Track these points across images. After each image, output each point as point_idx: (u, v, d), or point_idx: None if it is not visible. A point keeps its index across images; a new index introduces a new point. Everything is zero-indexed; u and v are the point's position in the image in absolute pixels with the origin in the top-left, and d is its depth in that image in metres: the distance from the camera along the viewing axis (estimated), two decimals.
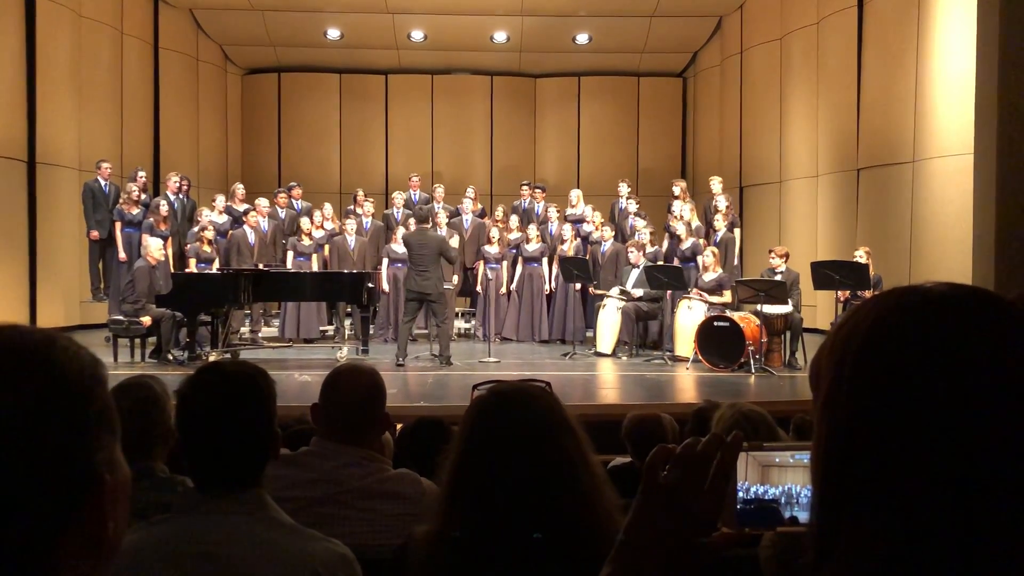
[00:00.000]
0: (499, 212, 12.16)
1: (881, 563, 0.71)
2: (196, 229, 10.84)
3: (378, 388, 2.47)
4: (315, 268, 11.19)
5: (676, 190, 11.99)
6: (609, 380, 8.89)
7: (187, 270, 10.31)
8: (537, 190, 12.75)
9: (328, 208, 12.20)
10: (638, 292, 10.10)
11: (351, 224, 11.56)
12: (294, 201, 12.54)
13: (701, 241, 10.79)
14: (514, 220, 11.86)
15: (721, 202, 11.15)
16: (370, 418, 2.43)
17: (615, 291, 10.35)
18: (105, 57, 12.77)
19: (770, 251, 9.80)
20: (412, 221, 11.44)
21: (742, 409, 2.87)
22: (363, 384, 2.45)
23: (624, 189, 12.41)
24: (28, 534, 0.68)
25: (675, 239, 11.05)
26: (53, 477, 0.69)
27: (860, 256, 9.09)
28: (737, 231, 11.12)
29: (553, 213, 11.98)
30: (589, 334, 10.91)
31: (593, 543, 1.44)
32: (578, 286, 10.99)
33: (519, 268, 11.51)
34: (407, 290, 9.45)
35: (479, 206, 12.59)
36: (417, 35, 15.09)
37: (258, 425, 1.76)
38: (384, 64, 15.91)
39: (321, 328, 11.51)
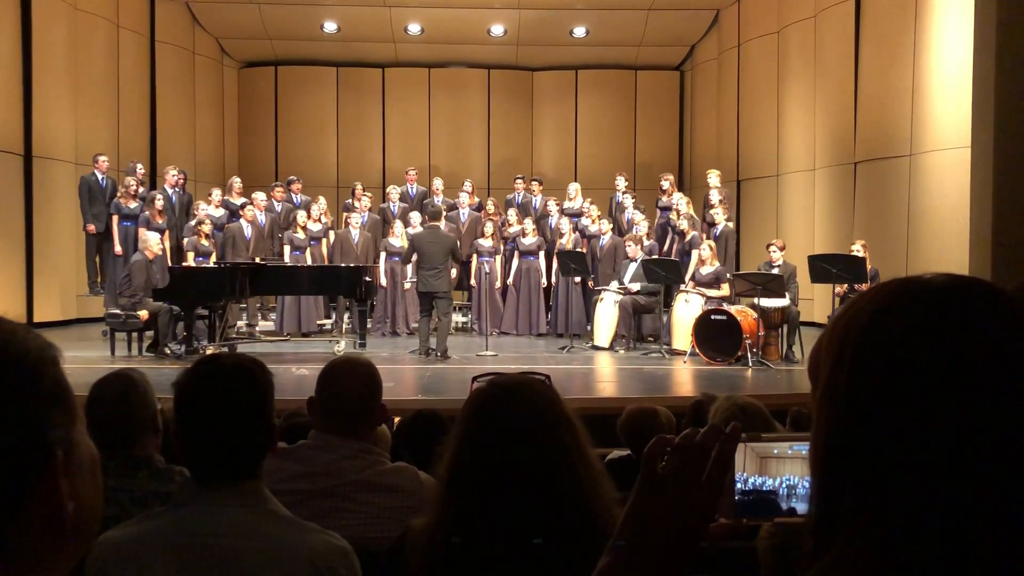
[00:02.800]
0: (490, 205, 12.14)
1: (879, 553, 0.71)
2: (193, 223, 10.83)
3: (374, 380, 2.47)
4: (310, 262, 11.19)
5: (665, 184, 12.00)
6: (607, 374, 8.89)
7: (184, 264, 10.29)
8: (534, 183, 12.75)
9: (323, 202, 12.19)
10: (635, 287, 10.10)
11: (355, 218, 11.55)
12: (293, 195, 12.53)
13: (698, 234, 10.78)
14: (512, 214, 11.85)
15: (714, 195, 11.16)
16: (367, 410, 2.43)
17: (613, 285, 10.35)
18: (101, 51, 12.74)
19: (768, 245, 9.80)
20: (411, 216, 11.44)
21: (738, 402, 2.88)
22: (359, 376, 2.45)
23: (622, 183, 12.41)
24: None
25: (679, 234, 11.04)
26: (0, 456, 0.69)
27: (857, 249, 9.10)
28: (731, 224, 11.13)
29: (553, 207, 11.97)
30: (587, 328, 10.92)
31: (590, 535, 1.44)
32: (576, 280, 10.99)
33: (515, 262, 11.51)
34: (418, 290, 9.43)
35: (476, 200, 12.58)
36: (414, 28, 15.07)
37: (256, 418, 1.76)
38: (381, 57, 15.88)
39: (319, 322, 11.51)
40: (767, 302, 9.04)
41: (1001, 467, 0.69)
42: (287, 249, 11.30)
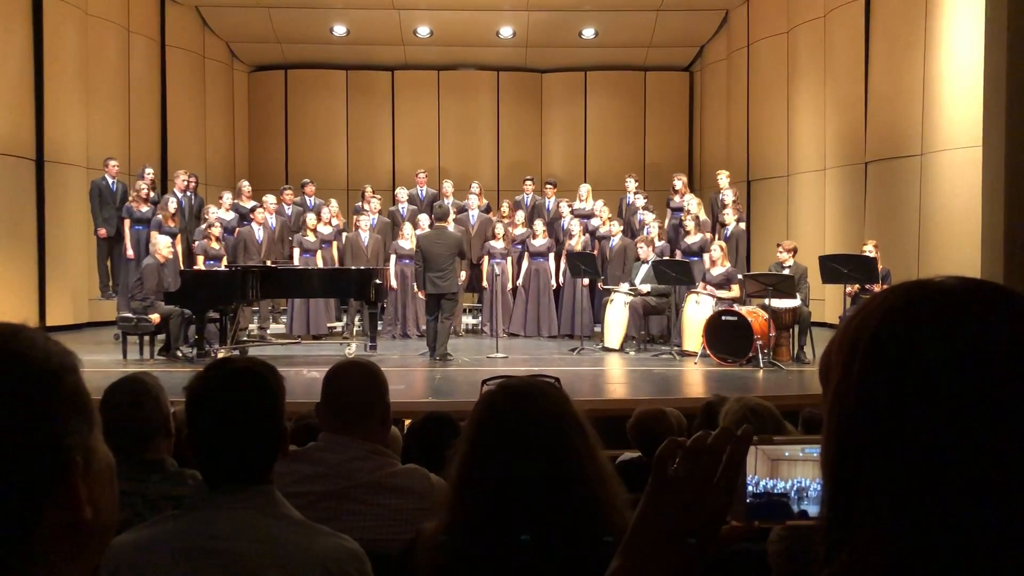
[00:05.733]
0: (504, 208, 12.18)
1: (891, 556, 0.71)
2: (204, 226, 10.87)
3: (376, 377, 2.47)
4: (321, 264, 11.21)
5: (677, 184, 11.98)
6: (617, 375, 8.88)
7: (195, 267, 10.33)
8: (548, 186, 12.77)
9: (334, 204, 12.21)
10: (646, 288, 10.08)
11: (365, 221, 11.58)
12: (307, 197, 12.57)
13: (708, 235, 10.76)
14: (520, 215, 11.85)
15: (728, 196, 11.15)
16: (371, 407, 2.43)
17: (624, 287, 10.33)
18: (112, 55, 12.80)
19: (778, 245, 9.78)
20: (419, 218, 11.44)
21: (749, 403, 2.88)
22: (361, 374, 2.46)
23: (631, 184, 12.40)
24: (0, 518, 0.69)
25: (683, 233, 11.02)
26: (21, 462, 0.70)
27: (868, 250, 9.07)
28: (742, 224, 11.11)
29: (565, 208, 11.97)
30: (597, 329, 10.91)
31: (601, 537, 1.44)
32: (586, 281, 10.98)
33: (525, 263, 11.51)
34: (427, 292, 9.43)
35: (485, 202, 12.59)
36: (423, 31, 15.09)
37: (267, 421, 1.76)
38: (390, 60, 15.91)
39: (329, 324, 11.53)
40: (778, 303, 9.01)
41: (1014, 470, 0.69)
42: (296, 252, 11.33)
